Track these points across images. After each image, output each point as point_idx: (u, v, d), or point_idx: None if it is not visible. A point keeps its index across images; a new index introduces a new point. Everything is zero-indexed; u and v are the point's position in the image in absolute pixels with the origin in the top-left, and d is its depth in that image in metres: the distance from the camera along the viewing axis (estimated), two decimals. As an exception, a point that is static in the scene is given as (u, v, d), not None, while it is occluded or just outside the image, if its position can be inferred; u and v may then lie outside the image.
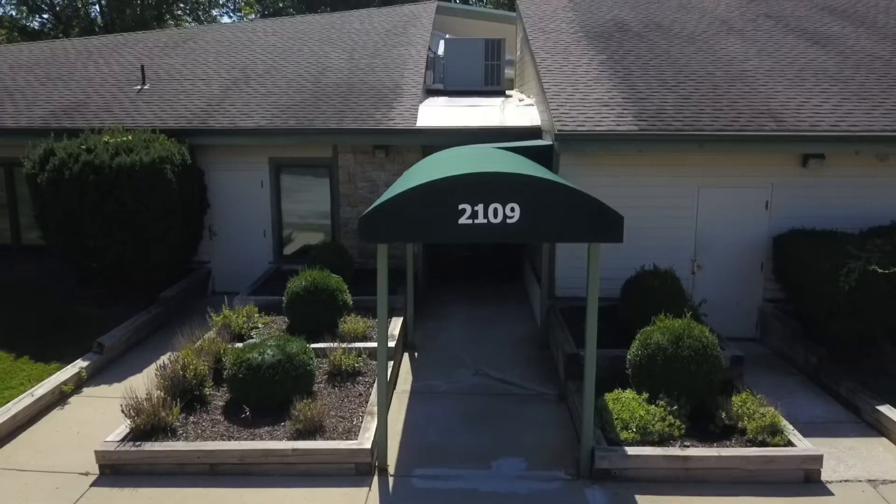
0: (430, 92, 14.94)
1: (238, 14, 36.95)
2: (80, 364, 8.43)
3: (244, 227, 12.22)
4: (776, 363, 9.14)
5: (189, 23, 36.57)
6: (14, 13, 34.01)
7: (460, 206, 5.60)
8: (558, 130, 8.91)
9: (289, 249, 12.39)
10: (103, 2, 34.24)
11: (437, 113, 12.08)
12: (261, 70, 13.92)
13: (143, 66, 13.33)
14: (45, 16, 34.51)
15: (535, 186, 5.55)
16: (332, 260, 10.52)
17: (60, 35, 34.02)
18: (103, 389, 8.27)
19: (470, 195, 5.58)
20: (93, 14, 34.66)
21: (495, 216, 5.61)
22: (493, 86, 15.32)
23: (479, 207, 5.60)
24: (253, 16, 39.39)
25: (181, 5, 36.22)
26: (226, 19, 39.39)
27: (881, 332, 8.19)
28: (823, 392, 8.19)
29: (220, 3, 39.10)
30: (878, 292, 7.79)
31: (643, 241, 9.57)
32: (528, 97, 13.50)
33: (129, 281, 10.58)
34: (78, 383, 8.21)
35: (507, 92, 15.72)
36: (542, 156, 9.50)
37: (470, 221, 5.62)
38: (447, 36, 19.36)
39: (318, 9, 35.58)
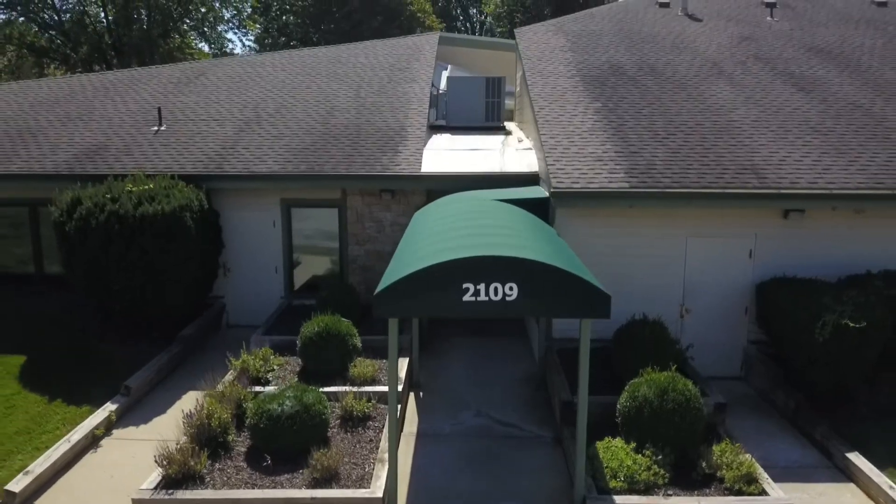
0: (434, 128, 15.58)
1: (243, 30, 37.56)
2: (109, 407, 9.06)
3: (257, 264, 12.84)
4: (759, 405, 9.76)
5: (194, 39, 37.22)
6: (23, 19, 34.49)
7: (464, 286, 6.23)
8: (554, 188, 9.54)
9: (299, 284, 13.02)
10: (110, 18, 34.87)
11: (440, 157, 12.71)
12: (272, 109, 14.55)
13: (159, 109, 13.96)
14: (53, 32, 35.14)
15: (531, 269, 6.17)
16: (340, 299, 11.17)
17: (69, 51, 34.68)
18: (131, 431, 8.90)
19: (473, 276, 6.21)
20: (99, 28, 35.24)
21: (496, 294, 6.24)
22: (494, 121, 15.96)
23: (482, 286, 6.23)
24: (258, 27, 40.01)
25: (187, 21, 36.85)
26: (230, 35, 39.98)
27: (856, 381, 8.81)
28: (801, 436, 8.82)
29: (225, 18, 39.75)
30: (850, 344, 8.42)
31: (635, 286, 10.20)
32: (527, 138, 14.12)
33: (149, 319, 11.21)
34: (108, 426, 8.84)
35: (507, 125, 16.40)
36: (540, 207, 10.15)
37: (473, 299, 6.25)
38: (449, 67, 20.03)
39: (321, 25, 36.25)
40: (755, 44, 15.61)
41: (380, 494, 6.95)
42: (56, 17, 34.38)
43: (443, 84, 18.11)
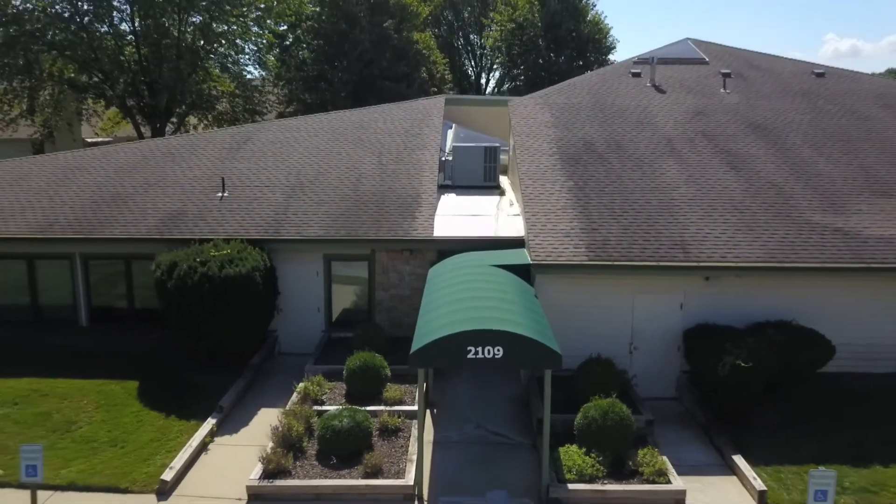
0: (442, 187, 19.05)
1: (264, 69, 40.84)
2: (210, 421, 12.52)
3: (303, 305, 16.27)
4: (685, 419, 13.20)
5: (219, 75, 40.45)
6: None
7: (468, 348, 9.70)
8: (533, 260, 13.02)
9: (336, 320, 16.45)
10: (143, 54, 38.13)
11: (448, 223, 16.17)
12: (311, 176, 17.99)
13: (223, 179, 17.41)
14: (91, 69, 38.50)
15: (510, 338, 9.65)
16: (372, 337, 14.60)
17: (107, 88, 38.11)
18: (227, 439, 12.35)
19: (473, 342, 9.68)
20: (133, 66, 38.55)
21: (488, 353, 9.71)
22: (490, 181, 19.47)
23: (479, 348, 9.70)
24: (273, 59, 43.31)
25: (212, 57, 40.11)
26: (250, 68, 43.21)
27: (748, 404, 12.24)
28: (708, 443, 12.26)
29: (245, 52, 42.91)
30: (742, 379, 11.87)
31: (596, 330, 13.60)
32: (517, 202, 17.55)
33: (224, 354, 14.62)
34: (212, 435, 12.29)
35: (502, 179, 19.91)
36: (524, 272, 13.58)
37: (474, 356, 9.72)
38: (454, 126, 23.52)
39: (335, 62, 39.67)
40: (705, 119, 19.04)
41: (412, 482, 10.41)
42: (94, 56, 37.66)
43: (448, 145, 21.59)
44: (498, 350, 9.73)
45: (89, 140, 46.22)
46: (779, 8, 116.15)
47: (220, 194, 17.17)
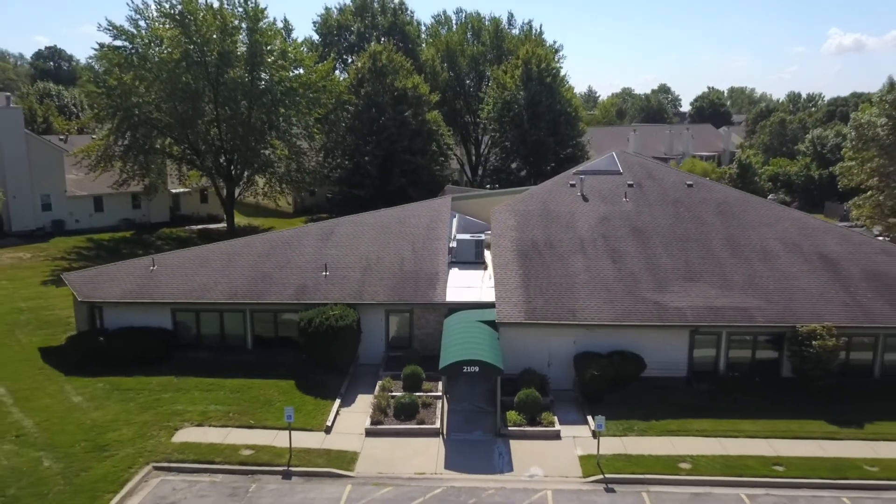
0: (450, 263, 31.94)
1: (312, 140, 53.53)
2: (337, 401, 25.47)
3: (373, 337, 29.15)
4: (573, 401, 26.06)
5: (279, 144, 53.08)
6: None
7: (463, 367, 22.67)
8: (497, 319, 25.96)
9: (392, 344, 29.34)
10: (223, 129, 50.72)
11: (454, 291, 29.09)
12: (374, 259, 30.84)
13: (325, 264, 30.29)
14: (185, 146, 51.28)
15: (481, 362, 22.62)
16: (412, 356, 27.57)
17: (197, 159, 50.88)
18: (346, 409, 25.26)
19: (466, 364, 22.65)
20: (216, 142, 51.23)
21: (472, 369, 22.69)
22: (479, 259, 32.44)
23: (468, 367, 22.65)
24: (320, 134, 55.93)
25: (273, 132, 52.72)
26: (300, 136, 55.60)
27: (602, 392, 25.10)
28: (581, 412, 25.13)
29: (294, 124, 55.48)
30: (594, 379, 24.76)
31: (530, 355, 26.40)
32: (492, 276, 30.39)
33: (337, 366, 27.56)
34: (339, 407, 25.22)
35: (487, 254, 32.81)
36: (493, 323, 26.49)
37: (466, 371, 22.70)
38: (457, 216, 36.47)
39: (368, 138, 52.39)
40: (607, 224, 31.82)
41: (439, 426, 23.40)
42: (188, 136, 50.38)
43: (453, 231, 34.54)
44: (475, 367, 22.68)
45: (174, 190, 59.22)
46: (782, 2, 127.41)
47: (324, 273, 30.08)
